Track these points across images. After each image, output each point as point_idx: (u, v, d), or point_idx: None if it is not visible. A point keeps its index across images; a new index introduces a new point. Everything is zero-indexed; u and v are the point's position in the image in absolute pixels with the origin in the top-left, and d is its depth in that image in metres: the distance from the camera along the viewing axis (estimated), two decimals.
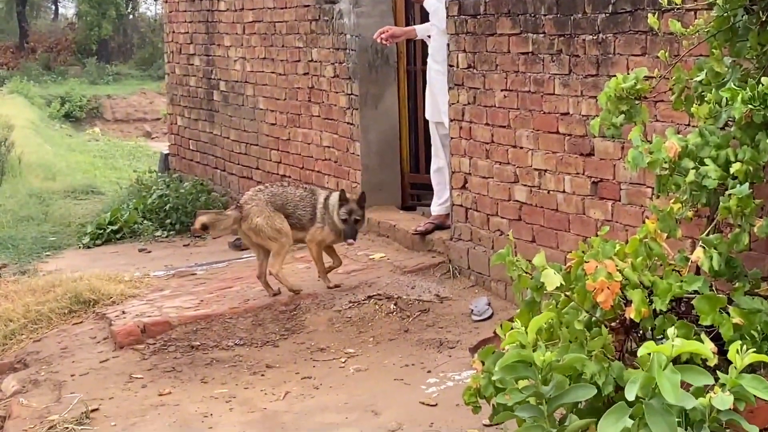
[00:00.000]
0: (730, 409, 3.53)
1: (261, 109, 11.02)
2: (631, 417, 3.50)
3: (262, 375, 6.79)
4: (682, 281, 4.37)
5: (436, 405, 6.07)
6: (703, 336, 4.04)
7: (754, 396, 3.57)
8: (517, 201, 7.23)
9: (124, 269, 9.13)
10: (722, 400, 3.46)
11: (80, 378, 6.95)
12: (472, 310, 7.31)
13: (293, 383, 6.58)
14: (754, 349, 3.56)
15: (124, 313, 7.81)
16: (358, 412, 6.10)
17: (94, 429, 6.13)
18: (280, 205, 7.77)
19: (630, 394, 3.46)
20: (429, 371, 6.56)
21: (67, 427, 6.13)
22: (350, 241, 7.82)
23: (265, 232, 7.72)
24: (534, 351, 3.91)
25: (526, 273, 4.84)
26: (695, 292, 4.39)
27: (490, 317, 7.14)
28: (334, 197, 7.79)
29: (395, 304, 7.55)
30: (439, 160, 8.47)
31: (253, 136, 11.21)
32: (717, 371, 3.70)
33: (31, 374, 7.13)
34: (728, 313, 4.28)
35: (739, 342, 3.65)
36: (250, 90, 11.24)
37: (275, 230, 7.70)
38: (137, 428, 6.11)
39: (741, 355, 3.49)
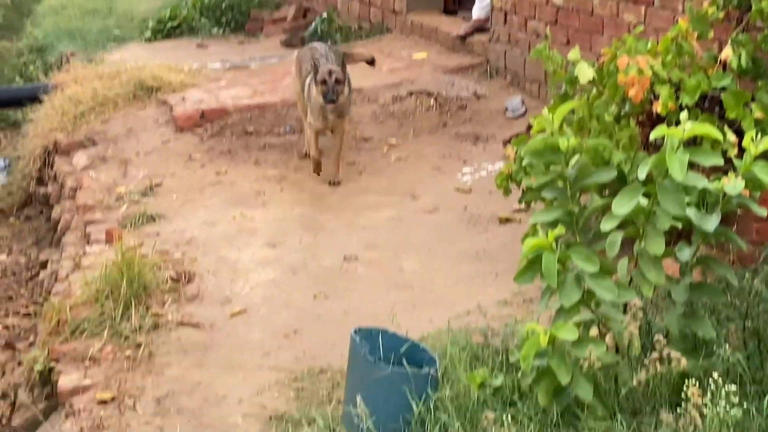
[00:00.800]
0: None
1: None
2: (646, 196, 3.50)
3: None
4: (709, 78, 4.32)
5: (470, 191, 6.13)
6: (726, 129, 4.02)
7: None
8: (554, 5, 7.07)
9: (183, 61, 9.10)
10: (733, 185, 3.44)
11: (144, 156, 7.06)
12: (507, 108, 7.29)
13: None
14: None
15: (183, 99, 7.84)
16: (398, 196, 6.18)
17: (157, 201, 6.26)
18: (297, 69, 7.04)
19: (641, 173, 3.44)
20: (464, 161, 6.60)
21: (133, 198, 6.26)
22: (330, 98, 6.23)
23: None
24: (561, 136, 3.88)
25: (561, 68, 4.81)
26: (721, 89, 4.35)
27: (523, 114, 7.12)
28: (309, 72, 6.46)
29: (435, 100, 7.53)
30: None
31: None
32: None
33: (99, 151, 7.24)
34: (751, 110, 4.24)
35: (754, 130, 3.60)
36: None
37: None
38: (196, 202, 6.23)
39: (755, 143, 3.46)
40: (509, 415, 3.27)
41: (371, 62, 7.19)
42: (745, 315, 3.66)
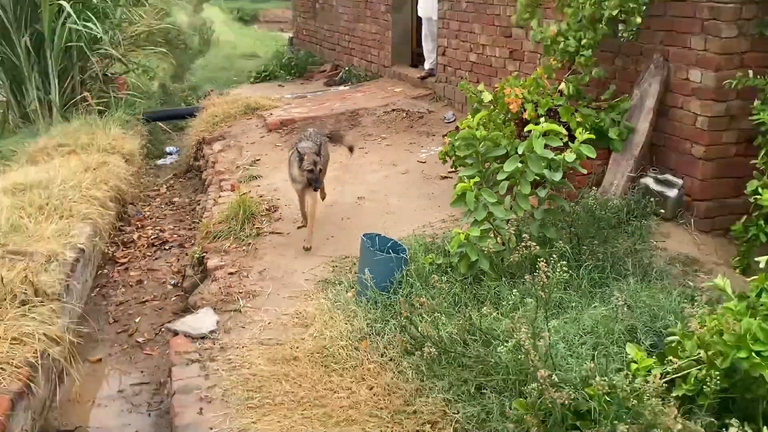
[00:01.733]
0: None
1: (340, 13, 10.51)
2: (522, 163, 3.48)
3: (339, 146, 6.73)
4: (553, 99, 4.27)
5: (425, 162, 6.08)
6: (560, 127, 3.98)
7: (587, 157, 3.52)
8: (470, 61, 6.98)
9: (271, 94, 8.98)
10: (570, 156, 3.43)
11: (250, 145, 6.97)
12: (445, 117, 7.20)
13: (355, 151, 6.51)
14: (589, 131, 3.48)
15: (271, 114, 7.74)
16: (387, 165, 6.12)
17: (258, 168, 6.21)
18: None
19: (520, 149, 3.44)
20: (422, 147, 6.53)
21: (245, 167, 6.20)
22: (316, 187, 4.45)
23: None
24: (476, 131, 3.85)
25: (474, 94, 4.76)
26: (559, 105, 4.31)
27: (453, 121, 7.04)
28: (294, 154, 4.49)
29: (406, 114, 7.43)
30: (428, 42, 8.08)
31: (336, 26, 10.74)
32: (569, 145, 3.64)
33: (226, 142, 7.15)
34: (575, 116, 4.19)
35: (581, 128, 3.58)
36: (335, 2, 10.70)
37: None
38: (279, 169, 6.16)
39: (581, 134, 3.44)
40: (445, 278, 3.28)
41: (351, 150, 5.30)
42: (570, 225, 3.66)
